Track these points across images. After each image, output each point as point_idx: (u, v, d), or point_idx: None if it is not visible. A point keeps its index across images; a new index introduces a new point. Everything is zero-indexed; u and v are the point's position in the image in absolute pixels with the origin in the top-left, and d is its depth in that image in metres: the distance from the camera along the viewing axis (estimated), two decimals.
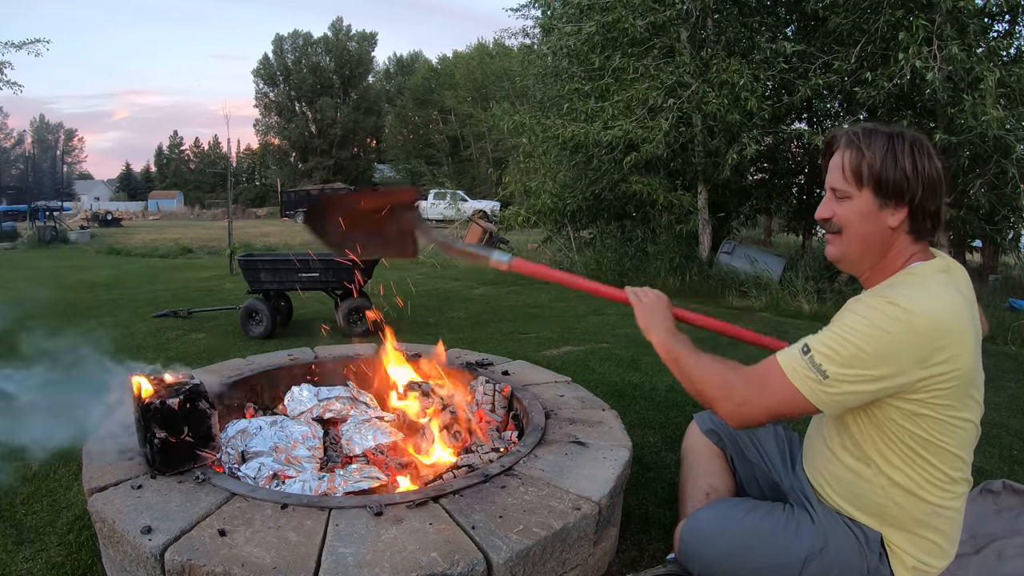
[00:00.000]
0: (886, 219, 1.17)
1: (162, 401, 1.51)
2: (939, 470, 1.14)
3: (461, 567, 1.17)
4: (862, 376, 1.08)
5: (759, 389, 1.18)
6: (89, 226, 19.67)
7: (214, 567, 1.15)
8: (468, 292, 6.89)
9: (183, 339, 4.33)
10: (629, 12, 6.84)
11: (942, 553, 1.19)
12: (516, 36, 22.02)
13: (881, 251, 1.21)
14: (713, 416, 1.61)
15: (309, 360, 2.42)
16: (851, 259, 1.24)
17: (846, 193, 1.19)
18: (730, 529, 1.32)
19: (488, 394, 2.13)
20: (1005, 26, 6.28)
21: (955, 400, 1.11)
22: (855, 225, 1.19)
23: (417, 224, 1.58)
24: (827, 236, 1.27)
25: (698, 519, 1.37)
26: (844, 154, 1.20)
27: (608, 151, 7.32)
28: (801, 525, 1.27)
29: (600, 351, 3.99)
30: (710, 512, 1.37)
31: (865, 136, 1.19)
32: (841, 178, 1.20)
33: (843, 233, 1.21)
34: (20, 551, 1.65)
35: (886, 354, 1.07)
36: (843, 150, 1.20)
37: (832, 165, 1.23)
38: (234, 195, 26.16)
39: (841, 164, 1.20)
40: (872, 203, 1.17)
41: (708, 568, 1.32)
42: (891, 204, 1.16)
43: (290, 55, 42.92)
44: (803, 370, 1.13)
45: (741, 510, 1.35)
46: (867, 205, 1.18)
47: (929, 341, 1.06)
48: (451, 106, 34.28)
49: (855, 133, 1.20)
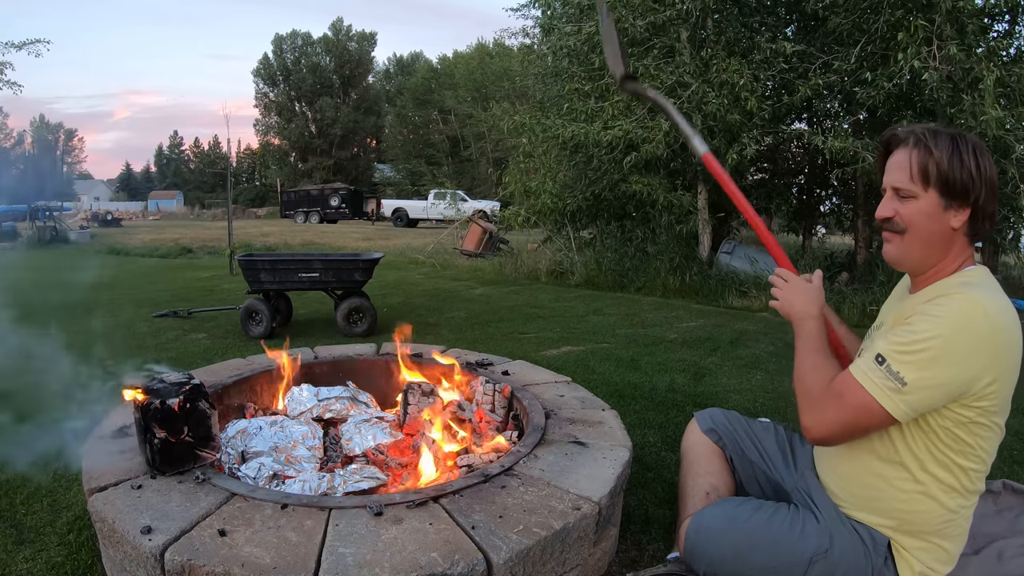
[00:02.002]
0: (949, 220, 1.16)
1: (162, 401, 1.51)
2: (968, 478, 1.15)
3: (461, 567, 1.17)
4: (941, 379, 1.07)
5: (835, 403, 1.15)
6: (89, 226, 19.66)
7: (214, 567, 1.15)
8: (468, 292, 6.89)
9: (183, 339, 4.33)
10: (629, 12, 6.84)
11: (949, 559, 1.20)
12: (516, 36, 22.01)
13: (942, 252, 1.19)
14: (714, 415, 1.62)
15: (309, 360, 2.42)
16: (912, 260, 1.22)
17: (911, 193, 1.17)
18: (736, 528, 1.32)
19: (488, 394, 2.13)
20: (1005, 26, 6.27)
21: (1002, 405, 1.12)
22: (919, 225, 1.17)
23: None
24: (886, 235, 1.24)
25: (704, 517, 1.37)
26: (911, 153, 1.17)
27: (608, 151, 7.32)
28: (806, 525, 1.27)
29: (600, 351, 3.99)
30: (716, 510, 1.38)
31: (931, 136, 1.17)
32: (907, 178, 1.18)
33: (906, 234, 1.19)
34: (20, 551, 1.65)
35: (967, 355, 1.06)
36: (910, 149, 1.18)
37: (894, 164, 1.21)
38: (234, 195, 26.18)
39: (908, 164, 1.18)
40: (937, 204, 1.16)
41: (713, 566, 1.33)
42: (955, 205, 1.15)
43: (290, 55, 42.91)
44: (880, 380, 1.10)
45: (747, 509, 1.35)
46: (932, 205, 1.16)
47: (1003, 342, 1.07)
48: (451, 106, 34.26)
49: (921, 133, 1.18)
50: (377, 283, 6.19)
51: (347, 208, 27.36)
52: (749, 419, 1.64)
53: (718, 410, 1.64)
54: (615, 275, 7.49)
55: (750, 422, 1.62)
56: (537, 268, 8.45)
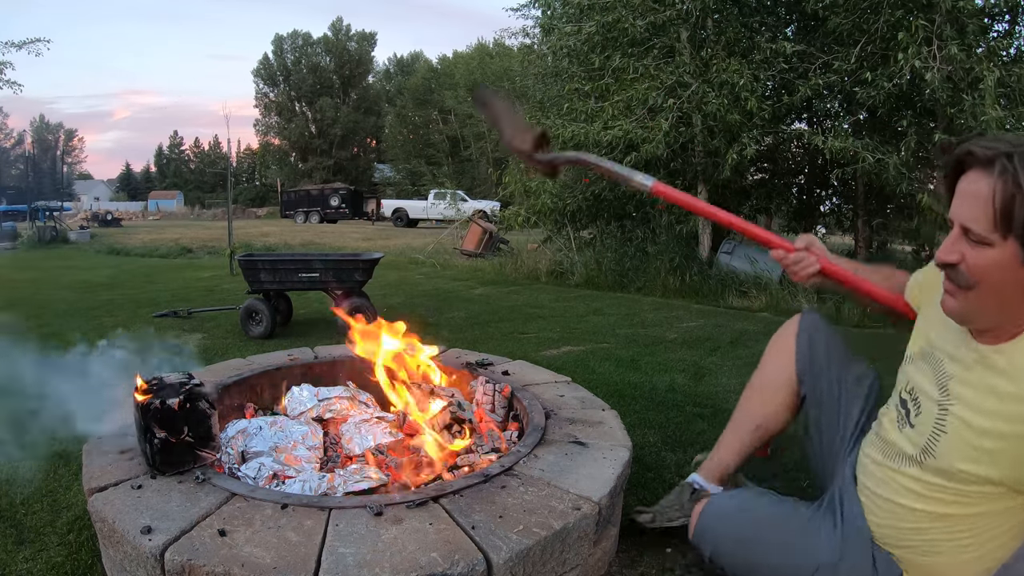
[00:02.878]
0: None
1: (162, 401, 1.51)
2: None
3: (461, 567, 1.17)
4: None
5: None
6: (89, 226, 19.66)
7: (214, 567, 1.15)
8: (468, 292, 6.89)
9: (183, 339, 4.33)
10: (629, 12, 6.84)
11: None
12: (516, 36, 22.01)
13: (1017, 309, 0.97)
14: (814, 344, 1.50)
15: (309, 360, 2.42)
16: (982, 321, 1.01)
17: (985, 239, 0.93)
18: (749, 517, 1.30)
19: (488, 394, 2.13)
20: (1005, 26, 6.28)
21: None
22: (993, 279, 0.95)
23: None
24: (946, 285, 1.02)
25: (720, 501, 1.36)
26: (995, 186, 0.91)
27: (608, 151, 7.32)
28: (822, 532, 1.21)
29: (600, 351, 3.99)
30: (731, 499, 1.37)
31: (1013, 149, 0.91)
32: (984, 218, 0.93)
33: (974, 290, 0.97)
34: (20, 551, 1.65)
35: None
36: (993, 179, 0.92)
37: (968, 193, 0.96)
38: (234, 195, 26.17)
39: (989, 199, 0.92)
40: (1017, 256, 0.92)
41: (719, 552, 1.31)
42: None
43: (290, 55, 42.97)
44: None
45: (766, 501, 1.33)
46: (1010, 258, 0.93)
47: None
48: (451, 106, 34.28)
49: (1010, 155, 0.91)
50: (377, 283, 6.18)
51: (347, 208, 27.37)
52: (849, 359, 1.48)
53: (821, 335, 1.51)
54: (615, 275, 7.49)
55: (848, 364, 1.47)
56: (537, 268, 8.45)
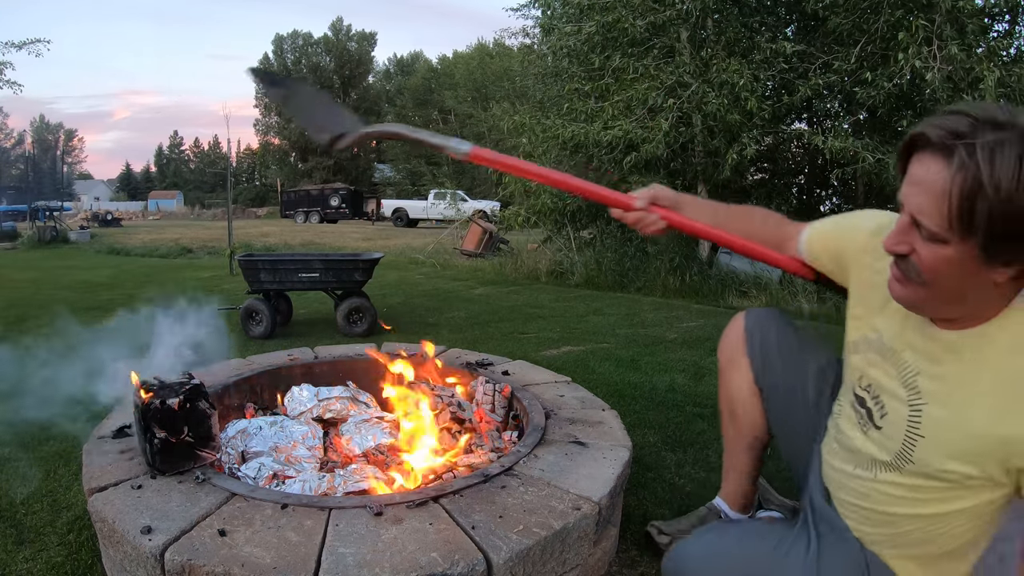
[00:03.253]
0: (992, 275, 0.82)
1: (162, 401, 1.51)
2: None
3: (461, 567, 1.17)
4: None
5: None
6: (89, 226, 19.66)
7: (214, 567, 1.15)
8: (468, 292, 6.89)
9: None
10: (629, 12, 6.84)
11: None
12: (516, 36, 22.06)
13: (977, 304, 0.87)
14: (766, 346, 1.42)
15: (309, 360, 2.42)
16: (936, 312, 0.92)
17: (938, 236, 0.81)
18: (713, 563, 1.15)
19: (488, 394, 2.13)
20: (1005, 26, 6.29)
21: None
22: (949, 279, 0.84)
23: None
24: (894, 271, 0.91)
25: (682, 549, 1.20)
26: (952, 180, 0.77)
27: (608, 151, 7.32)
28: (791, 557, 1.08)
29: (600, 351, 3.99)
30: (698, 544, 1.21)
31: (986, 150, 0.74)
32: (938, 214, 0.79)
33: (926, 287, 0.86)
34: (20, 551, 1.65)
35: None
36: (952, 172, 0.77)
37: (919, 179, 0.81)
38: (234, 195, 26.18)
39: (945, 194, 0.78)
40: (974, 257, 0.80)
41: None
42: (1000, 262, 0.80)
43: (290, 55, 43.00)
44: None
45: (732, 539, 1.20)
46: (969, 259, 0.81)
47: None
48: (451, 106, 34.32)
49: (970, 149, 0.75)
50: (377, 283, 6.19)
51: (347, 208, 27.38)
52: (808, 351, 1.41)
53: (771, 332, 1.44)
54: (615, 275, 7.49)
55: (806, 357, 1.40)
56: (537, 268, 8.45)
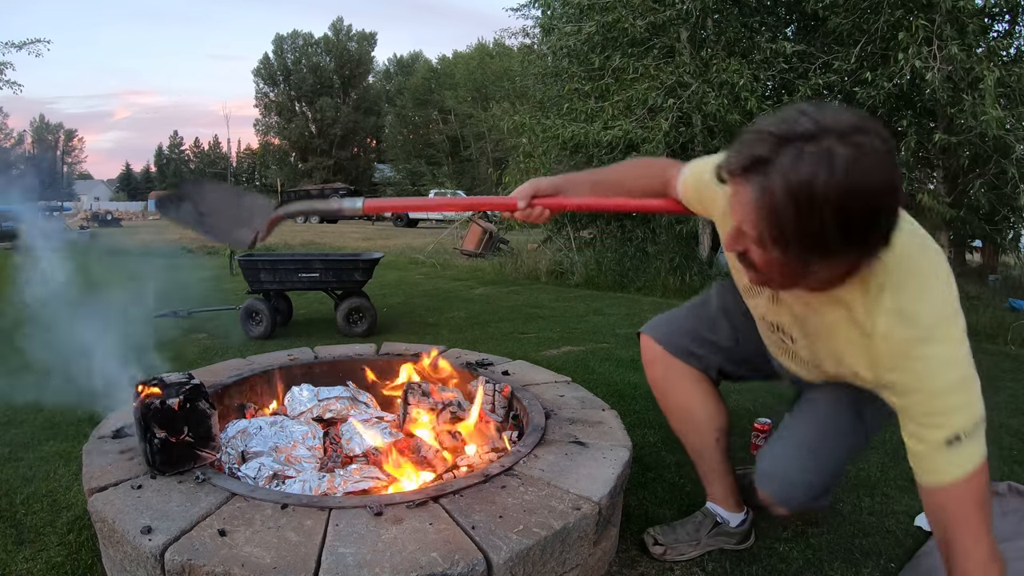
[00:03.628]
0: (817, 269, 0.89)
1: (162, 401, 1.51)
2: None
3: (461, 567, 1.17)
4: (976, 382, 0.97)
5: (962, 539, 1.03)
6: (89, 226, 19.66)
7: (214, 567, 1.15)
8: (468, 292, 6.89)
9: (183, 339, 4.33)
10: (629, 12, 6.85)
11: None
12: (516, 36, 22.09)
13: (819, 284, 0.96)
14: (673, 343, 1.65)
15: (309, 360, 2.42)
16: (779, 288, 1.06)
17: (760, 243, 0.88)
18: (818, 459, 1.31)
19: (488, 394, 2.13)
20: (1005, 26, 6.29)
21: None
22: (776, 273, 0.92)
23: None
24: (741, 261, 0.97)
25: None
26: (759, 203, 0.82)
27: (608, 151, 7.32)
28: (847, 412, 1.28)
29: (600, 351, 3.99)
30: (781, 456, 1.36)
31: (779, 172, 0.79)
32: (752, 228, 0.87)
33: (766, 277, 0.95)
34: (20, 551, 1.65)
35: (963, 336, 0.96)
36: (757, 195, 0.82)
37: (735, 198, 0.88)
38: None
39: (753, 213, 0.84)
40: (793, 259, 0.87)
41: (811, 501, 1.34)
42: (822, 259, 0.86)
43: (290, 55, 42.99)
44: (977, 459, 0.97)
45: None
46: (795, 264, 0.88)
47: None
48: (451, 106, 34.31)
49: (765, 172, 0.80)
50: (377, 283, 6.18)
51: None
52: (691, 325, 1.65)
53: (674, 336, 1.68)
54: (615, 275, 7.49)
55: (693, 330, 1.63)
56: (537, 268, 8.45)
